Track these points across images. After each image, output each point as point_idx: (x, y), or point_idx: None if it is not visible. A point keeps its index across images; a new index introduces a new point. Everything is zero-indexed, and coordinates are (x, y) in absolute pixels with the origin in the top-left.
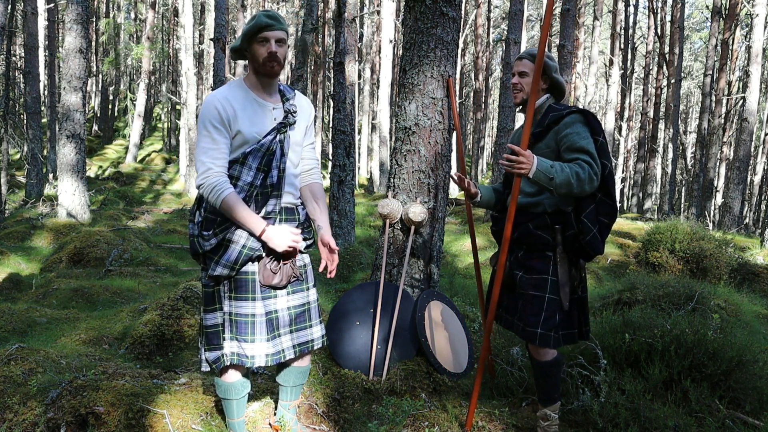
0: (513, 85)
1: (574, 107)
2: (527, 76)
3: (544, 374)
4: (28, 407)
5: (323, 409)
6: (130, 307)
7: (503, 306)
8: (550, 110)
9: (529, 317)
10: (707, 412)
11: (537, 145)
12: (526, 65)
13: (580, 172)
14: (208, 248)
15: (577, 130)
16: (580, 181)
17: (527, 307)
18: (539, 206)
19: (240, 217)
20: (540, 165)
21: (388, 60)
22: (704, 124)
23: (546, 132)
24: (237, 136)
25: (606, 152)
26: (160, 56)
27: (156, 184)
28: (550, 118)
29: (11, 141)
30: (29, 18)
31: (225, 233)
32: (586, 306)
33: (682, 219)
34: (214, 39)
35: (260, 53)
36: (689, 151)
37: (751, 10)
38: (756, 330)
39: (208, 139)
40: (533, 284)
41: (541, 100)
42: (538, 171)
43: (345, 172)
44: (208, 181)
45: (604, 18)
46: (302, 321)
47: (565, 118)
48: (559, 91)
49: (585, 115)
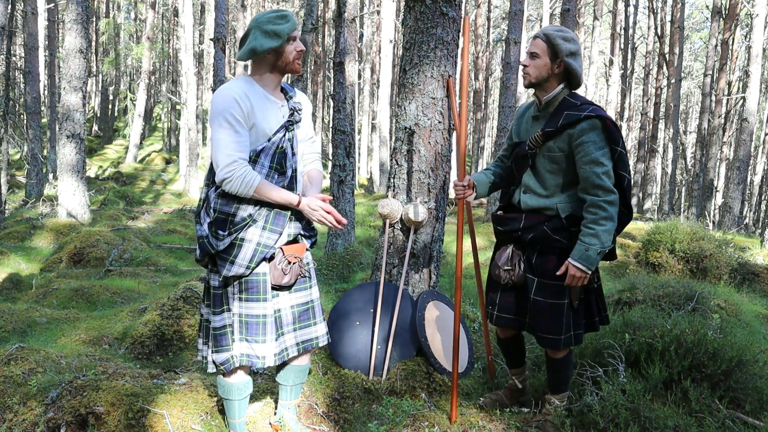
0: (522, 66)
1: (592, 108)
2: (538, 58)
3: (557, 369)
4: (28, 407)
5: (323, 409)
6: (130, 307)
7: (501, 307)
8: (565, 105)
9: (551, 325)
10: (707, 412)
11: (548, 144)
12: (538, 45)
13: (598, 215)
14: (221, 248)
15: (593, 139)
16: (606, 219)
17: (547, 315)
18: (552, 210)
19: (276, 196)
20: (582, 258)
21: (388, 60)
22: (704, 124)
23: (559, 132)
24: (252, 130)
25: (625, 163)
26: (160, 56)
27: (156, 184)
28: (565, 119)
29: (11, 141)
30: (29, 18)
31: (238, 232)
32: (602, 293)
33: (682, 219)
34: (214, 39)
35: (290, 51)
36: (689, 151)
37: (751, 10)
38: (756, 330)
39: (229, 131)
40: (553, 292)
41: (555, 92)
42: (591, 261)
43: (345, 172)
44: (236, 173)
45: (604, 18)
46: (306, 319)
47: (581, 122)
48: (575, 79)
49: (603, 121)
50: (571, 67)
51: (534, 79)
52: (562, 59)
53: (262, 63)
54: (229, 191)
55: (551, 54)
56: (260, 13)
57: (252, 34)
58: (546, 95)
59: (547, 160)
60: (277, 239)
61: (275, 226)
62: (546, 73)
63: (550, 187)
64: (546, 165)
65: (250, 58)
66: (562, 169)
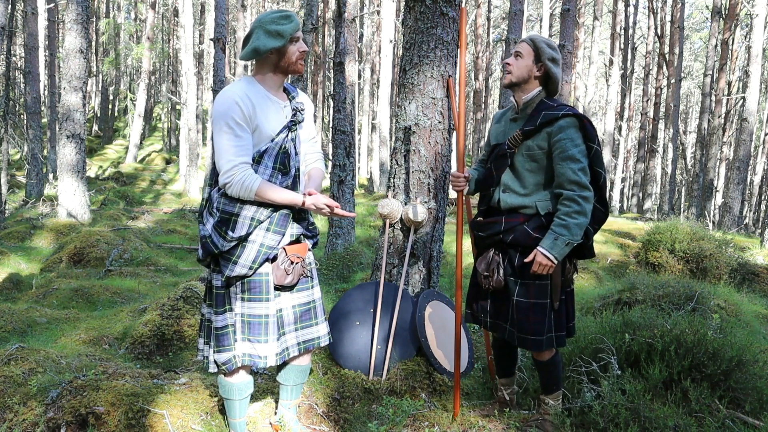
0: (505, 65)
1: (569, 108)
2: (521, 59)
3: (546, 370)
4: (28, 407)
5: (323, 409)
6: (130, 307)
7: (486, 311)
8: (542, 106)
9: (534, 326)
10: (707, 412)
11: (526, 143)
12: (523, 47)
13: (570, 209)
14: (226, 249)
15: (571, 136)
16: (579, 213)
17: (531, 316)
18: (531, 208)
19: (279, 198)
20: (550, 247)
21: (388, 60)
22: (704, 124)
23: (538, 131)
24: (255, 132)
25: (600, 160)
26: (160, 56)
27: (156, 184)
28: (543, 117)
29: (11, 141)
30: (29, 18)
31: (248, 236)
32: (573, 299)
33: (682, 219)
34: (214, 39)
35: (292, 52)
36: (689, 151)
37: (751, 10)
38: (756, 330)
39: (230, 136)
40: (535, 293)
41: (533, 93)
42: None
43: (345, 172)
44: (236, 177)
45: (604, 18)
46: (307, 319)
47: (559, 120)
48: (552, 84)
49: (580, 120)
50: (551, 72)
51: (515, 78)
52: (544, 62)
53: (265, 63)
54: (231, 195)
55: (534, 56)
56: (264, 13)
57: (255, 33)
58: (525, 96)
59: (526, 158)
60: (280, 240)
61: (279, 227)
62: (527, 74)
63: (529, 185)
64: (525, 164)
65: (252, 57)
66: (541, 168)
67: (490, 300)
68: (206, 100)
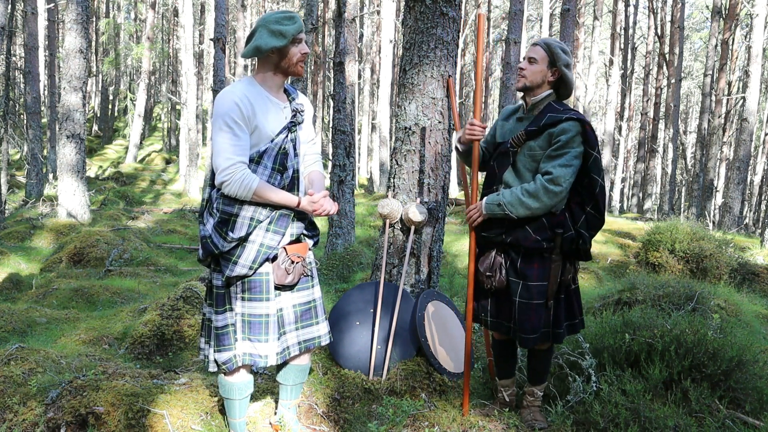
0: (519, 69)
1: (574, 112)
2: (536, 64)
3: (539, 360)
4: (28, 407)
5: (323, 409)
6: (130, 307)
7: (487, 310)
8: (548, 109)
9: (534, 324)
10: (707, 412)
11: (529, 143)
12: (538, 52)
13: (528, 187)
14: (226, 249)
15: (570, 138)
16: (531, 195)
17: (532, 316)
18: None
19: (276, 199)
20: (489, 201)
21: (388, 60)
22: (704, 124)
23: (540, 132)
24: (254, 132)
25: (598, 168)
26: (160, 56)
27: (156, 184)
28: (548, 119)
29: (11, 141)
30: (29, 18)
31: (248, 236)
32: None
33: (682, 219)
34: (214, 39)
35: (294, 53)
36: (689, 151)
37: (751, 10)
38: (756, 330)
39: (229, 135)
40: (537, 292)
41: (542, 95)
42: (491, 210)
43: (345, 172)
44: (234, 177)
45: (604, 18)
46: (308, 318)
47: (563, 123)
48: (565, 88)
49: (583, 125)
50: (566, 77)
51: (529, 83)
52: (559, 68)
53: (266, 63)
54: (228, 194)
55: (549, 62)
56: (268, 13)
57: (258, 32)
58: (534, 98)
59: (528, 158)
60: (280, 240)
61: (278, 227)
62: (541, 79)
63: None
64: (527, 164)
65: (254, 55)
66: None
67: (491, 299)
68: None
